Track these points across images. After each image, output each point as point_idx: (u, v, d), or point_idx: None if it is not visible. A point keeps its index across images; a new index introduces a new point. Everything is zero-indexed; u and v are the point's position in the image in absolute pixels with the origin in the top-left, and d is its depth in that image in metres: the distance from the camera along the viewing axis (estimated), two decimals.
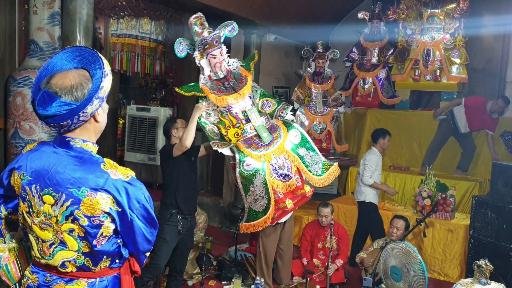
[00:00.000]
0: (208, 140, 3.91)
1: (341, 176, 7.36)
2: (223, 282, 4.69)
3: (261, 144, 3.87)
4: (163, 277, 4.34)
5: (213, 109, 3.87)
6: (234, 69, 3.92)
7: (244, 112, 3.90)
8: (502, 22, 6.54)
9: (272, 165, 3.87)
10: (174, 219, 3.66)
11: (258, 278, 4.26)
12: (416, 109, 7.35)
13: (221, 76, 3.85)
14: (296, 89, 7.28)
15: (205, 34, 3.69)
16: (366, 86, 7.60)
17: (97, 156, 1.64)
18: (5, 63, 4.49)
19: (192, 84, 3.88)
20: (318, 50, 7.03)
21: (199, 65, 3.84)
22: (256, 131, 3.92)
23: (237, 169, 3.79)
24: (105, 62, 1.59)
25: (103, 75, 1.56)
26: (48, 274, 1.68)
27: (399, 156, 6.98)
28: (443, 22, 6.88)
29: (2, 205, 1.81)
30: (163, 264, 3.75)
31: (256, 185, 3.81)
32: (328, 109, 7.02)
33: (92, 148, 1.65)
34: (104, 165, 1.60)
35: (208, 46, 3.71)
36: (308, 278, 4.31)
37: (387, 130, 5.46)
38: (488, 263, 2.82)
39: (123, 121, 7.75)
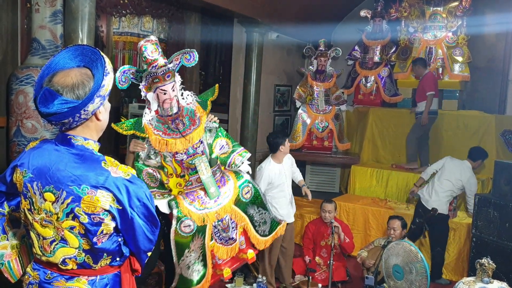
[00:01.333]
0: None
1: (343, 175, 7.37)
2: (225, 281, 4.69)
3: (206, 201, 3.30)
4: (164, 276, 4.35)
5: (155, 151, 3.26)
6: (187, 104, 3.29)
7: (191, 160, 3.28)
8: (504, 21, 6.52)
9: (214, 226, 3.33)
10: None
11: (260, 276, 4.26)
12: None
13: (171, 112, 3.19)
14: (298, 87, 7.28)
15: (160, 62, 3.04)
16: (368, 85, 7.59)
17: (98, 154, 1.65)
18: (7, 62, 4.50)
19: (133, 120, 3.32)
20: (320, 48, 7.02)
21: (144, 98, 3.23)
22: (202, 184, 3.32)
23: (173, 227, 3.16)
24: (107, 60, 1.61)
25: (104, 73, 1.57)
26: (49, 271, 1.69)
27: (401, 154, 6.96)
28: (445, 20, 6.88)
29: (5, 203, 1.83)
30: (155, 258, 3.75)
31: (193, 250, 3.25)
32: (330, 107, 7.02)
33: (93, 146, 1.66)
34: (105, 163, 1.61)
35: (157, 80, 3.08)
36: (310, 277, 4.31)
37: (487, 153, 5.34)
38: (490, 262, 2.81)
39: (125, 119, 7.75)
